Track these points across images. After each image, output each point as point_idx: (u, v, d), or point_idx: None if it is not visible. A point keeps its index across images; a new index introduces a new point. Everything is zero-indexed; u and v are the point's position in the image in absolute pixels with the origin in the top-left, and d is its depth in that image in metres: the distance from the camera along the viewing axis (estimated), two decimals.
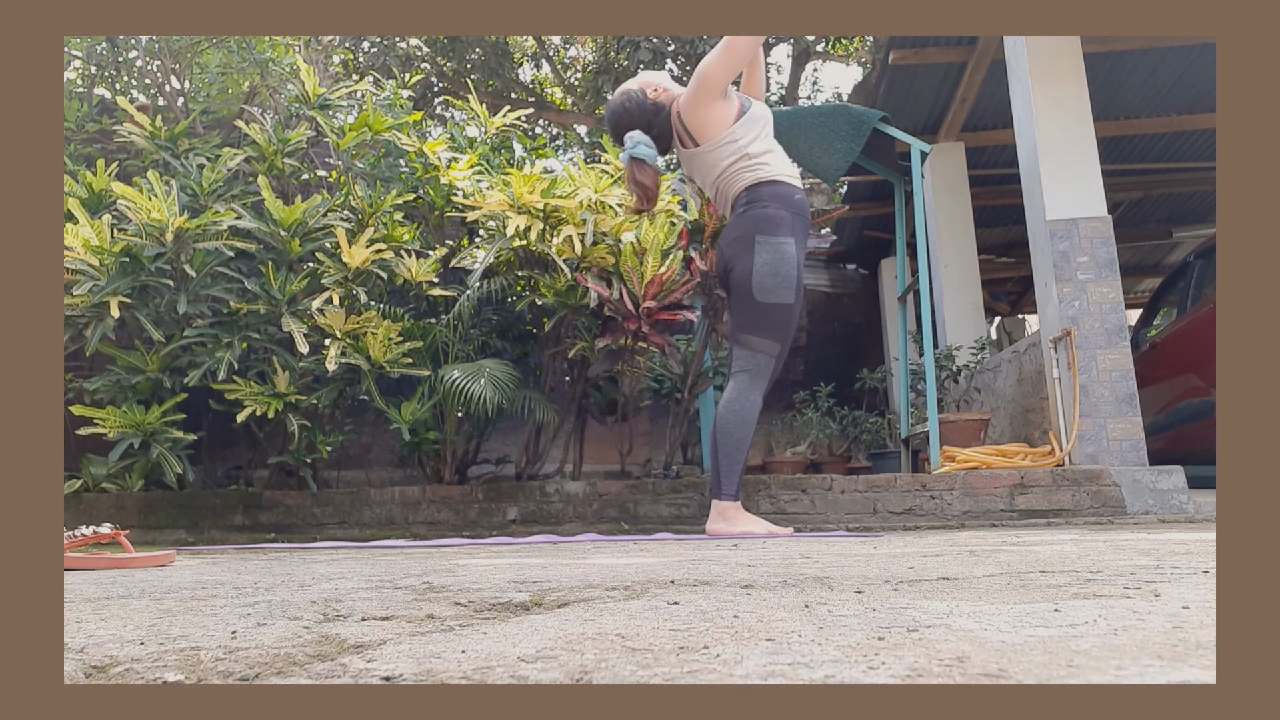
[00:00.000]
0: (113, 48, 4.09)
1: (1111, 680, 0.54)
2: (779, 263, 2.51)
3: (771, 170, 2.59)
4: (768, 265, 2.51)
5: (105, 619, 0.91)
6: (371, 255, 3.23)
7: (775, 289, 2.51)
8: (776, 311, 2.53)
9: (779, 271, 2.51)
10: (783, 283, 2.52)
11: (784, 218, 2.54)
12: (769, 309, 2.52)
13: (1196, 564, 1.22)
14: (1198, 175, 7.22)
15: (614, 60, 10.70)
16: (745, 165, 2.60)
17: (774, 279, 2.51)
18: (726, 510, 2.52)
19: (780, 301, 2.52)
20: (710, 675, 0.58)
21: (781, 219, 2.53)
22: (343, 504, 3.25)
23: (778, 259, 2.52)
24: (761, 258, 2.51)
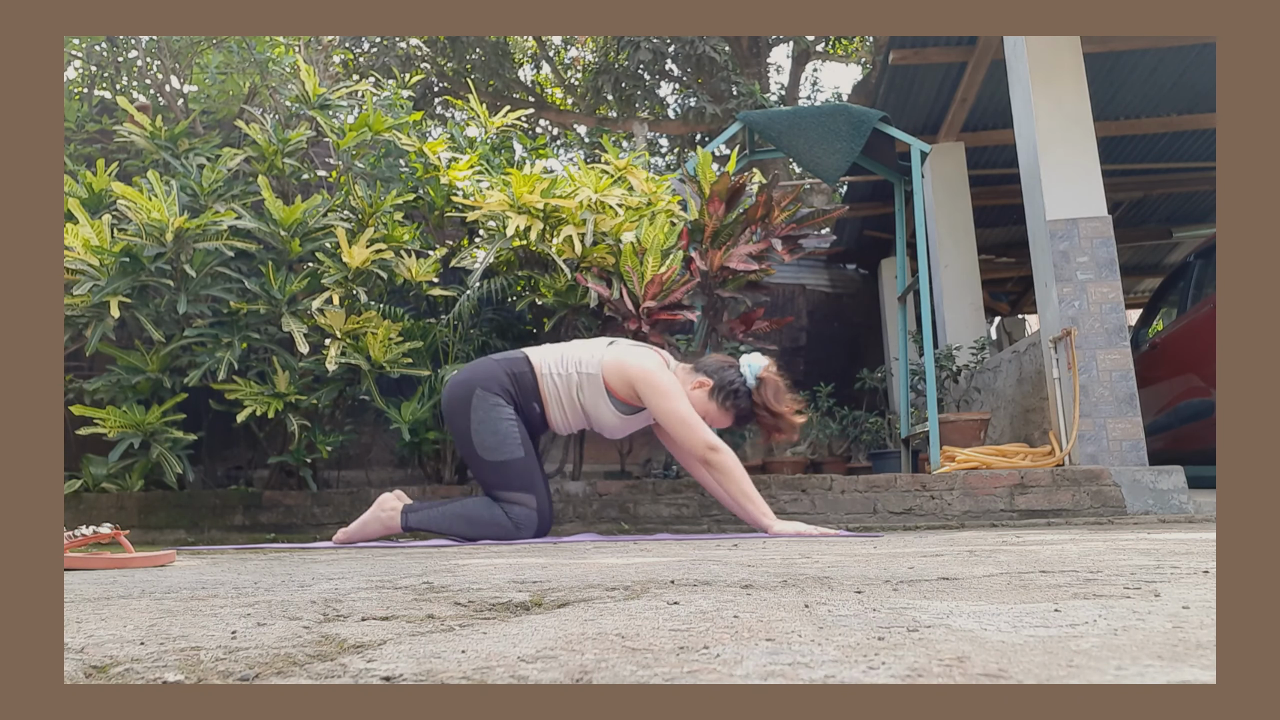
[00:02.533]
0: (113, 48, 4.09)
1: (1111, 680, 0.54)
2: (492, 419, 2.51)
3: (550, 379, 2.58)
4: (483, 424, 2.51)
5: (105, 619, 0.91)
6: (371, 255, 3.23)
7: (495, 447, 2.49)
8: (506, 468, 2.50)
9: (497, 429, 2.50)
10: (504, 439, 2.49)
11: (509, 390, 2.55)
12: (498, 467, 2.50)
13: (1196, 564, 1.22)
14: (1198, 175, 7.23)
15: (614, 60, 10.70)
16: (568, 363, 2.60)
17: (493, 434, 2.50)
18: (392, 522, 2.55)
19: (506, 459, 2.49)
20: (710, 675, 0.58)
21: (507, 390, 2.55)
22: (343, 504, 3.25)
23: (493, 415, 2.51)
24: (477, 415, 2.52)
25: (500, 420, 2.52)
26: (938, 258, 6.04)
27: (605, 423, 2.62)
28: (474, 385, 2.56)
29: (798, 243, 3.58)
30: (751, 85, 10.03)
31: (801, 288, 7.94)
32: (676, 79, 11.01)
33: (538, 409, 2.60)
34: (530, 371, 2.59)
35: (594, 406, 2.58)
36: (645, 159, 3.96)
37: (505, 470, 2.50)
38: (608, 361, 2.56)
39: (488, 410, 2.52)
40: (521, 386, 2.58)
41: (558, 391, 2.59)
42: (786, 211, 3.57)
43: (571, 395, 2.58)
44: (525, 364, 2.60)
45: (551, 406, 2.61)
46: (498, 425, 2.51)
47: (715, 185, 3.45)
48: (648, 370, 2.51)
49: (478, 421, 2.52)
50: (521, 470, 2.50)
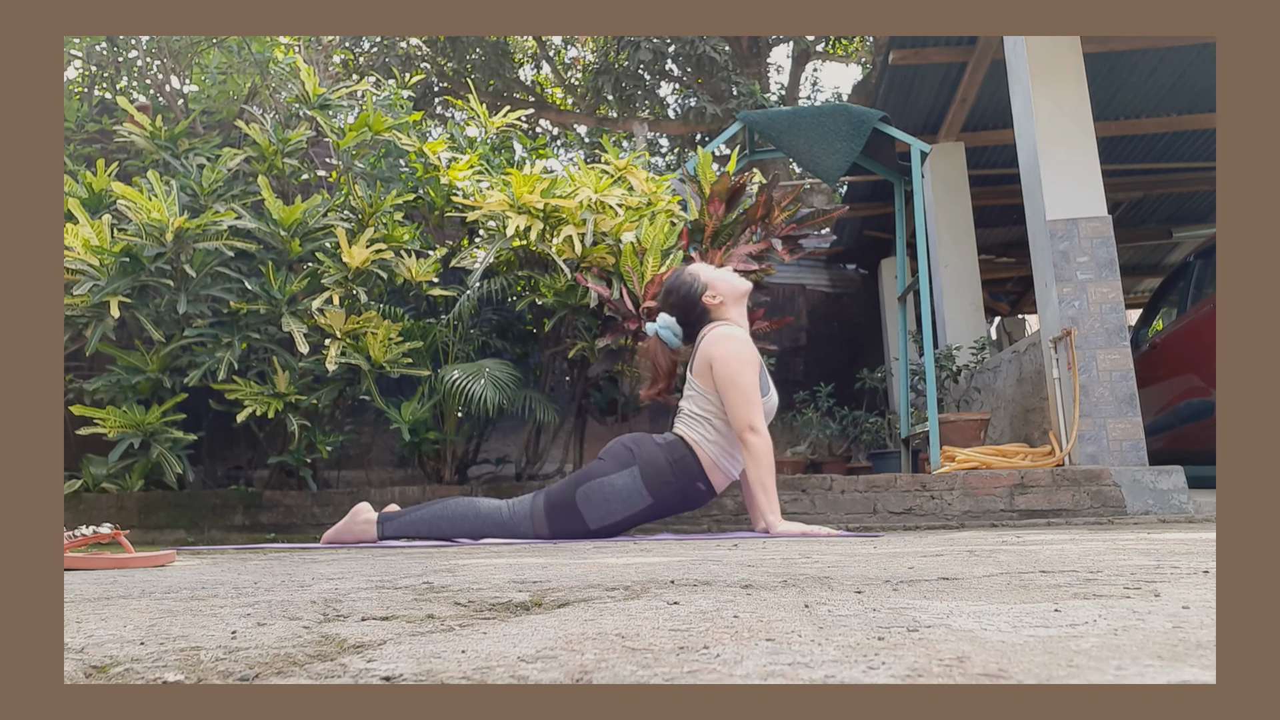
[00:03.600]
0: (113, 48, 4.09)
1: (1111, 680, 0.54)
2: (617, 499, 2.45)
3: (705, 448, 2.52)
4: (612, 490, 2.45)
5: (105, 619, 0.91)
6: (371, 255, 3.23)
7: (596, 507, 2.45)
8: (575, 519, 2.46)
9: (611, 503, 2.45)
10: (603, 513, 2.45)
11: (668, 483, 2.48)
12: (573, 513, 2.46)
13: (1196, 564, 1.22)
14: (1198, 175, 7.23)
15: (614, 60, 10.70)
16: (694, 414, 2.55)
17: (604, 503, 2.45)
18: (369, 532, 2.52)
19: (585, 518, 2.45)
20: (710, 675, 0.58)
21: (665, 483, 2.47)
22: (343, 504, 3.25)
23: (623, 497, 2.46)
24: (616, 481, 2.46)
25: (623, 503, 2.45)
26: (938, 258, 6.04)
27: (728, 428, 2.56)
28: (636, 461, 2.47)
29: (798, 243, 3.58)
30: (751, 85, 10.03)
31: (801, 288, 7.94)
32: (676, 79, 11.01)
33: (703, 487, 2.53)
34: (690, 452, 2.51)
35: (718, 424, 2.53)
36: (645, 159, 3.96)
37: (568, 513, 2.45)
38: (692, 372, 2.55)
39: (628, 488, 2.45)
40: (684, 472, 2.49)
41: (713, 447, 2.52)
42: (786, 211, 3.57)
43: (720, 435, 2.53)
44: (684, 447, 2.52)
45: (720, 468, 2.54)
46: (614, 501, 2.45)
47: (715, 185, 3.45)
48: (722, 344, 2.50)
49: (610, 482, 2.45)
50: (573, 528, 2.46)
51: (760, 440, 2.47)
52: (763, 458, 2.46)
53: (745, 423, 2.46)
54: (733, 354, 2.49)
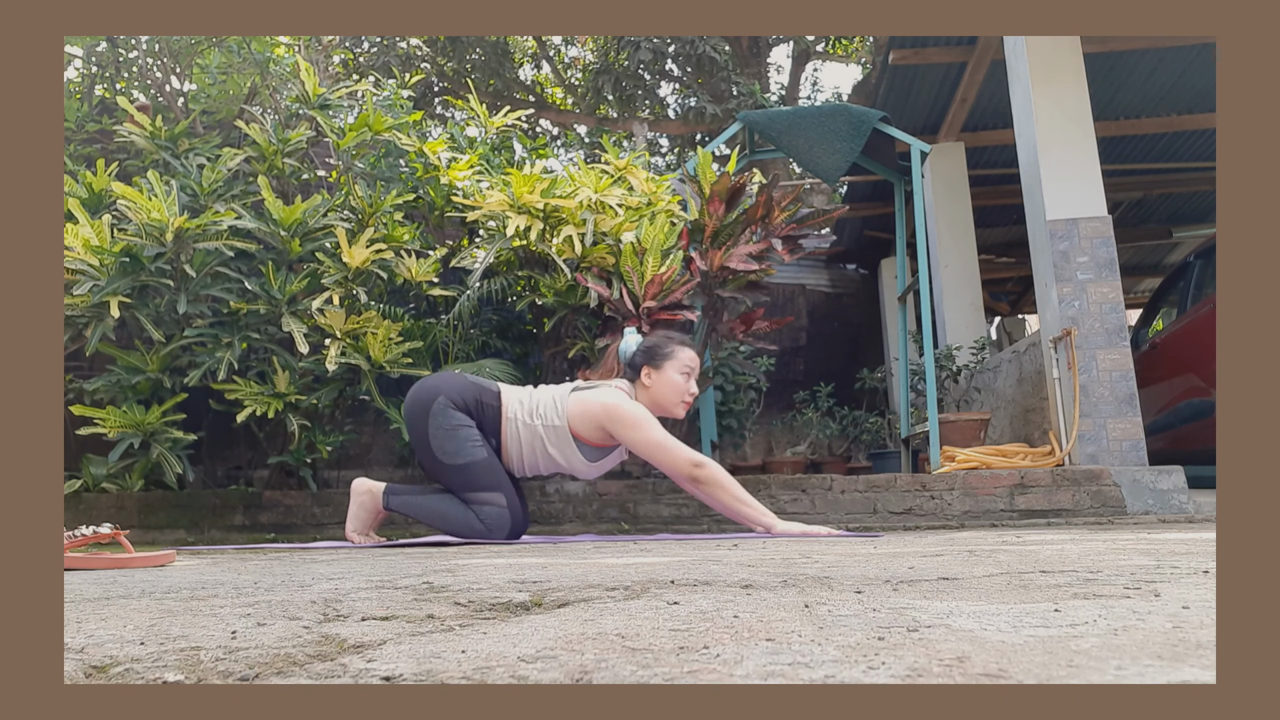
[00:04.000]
0: (113, 48, 4.09)
1: (1111, 680, 0.54)
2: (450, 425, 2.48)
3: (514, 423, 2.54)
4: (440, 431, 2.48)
5: (105, 619, 0.91)
6: (371, 255, 3.23)
7: (453, 451, 2.47)
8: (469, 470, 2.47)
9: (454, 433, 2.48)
10: (462, 442, 2.47)
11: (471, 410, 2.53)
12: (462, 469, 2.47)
13: (1196, 564, 1.22)
14: (1198, 175, 7.23)
15: (614, 60, 10.70)
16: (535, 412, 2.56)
17: (451, 438, 2.47)
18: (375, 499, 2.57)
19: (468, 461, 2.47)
20: (710, 675, 0.58)
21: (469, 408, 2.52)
22: (343, 504, 3.25)
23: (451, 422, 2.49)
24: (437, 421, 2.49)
25: (458, 427, 2.49)
26: (938, 258, 6.04)
27: (578, 469, 2.59)
28: (438, 393, 2.52)
29: (798, 243, 3.58)
30: (752, 85, 10.03)
31: (801, 288, 7.94)
32: (676, 79, 11.01)
33: (493, 444, 2.55)
34: (497, 408, 2.55)
35: (564, 456, 2.55)
36: (645, 159, 3.96)
37: (468, 472, 2.47)
38: (571, 409, 2.52)
39: (446, 418, 2.49)
40: (485, 418, 2.54)
41: (519, 439, 2.54)
42: (786, 211, 3.57)
43: (536, 447, 2.54)
44: (495, 399, 2.56)
45: (510, 448, 2.56)
46: (453, 431, 2.48)
47: (715, 185, 3.45)
48: (613, 406, 2.48)
49: (435, 428, 2.48)
50: (484, 470, 2.47)
51: (711, 469, 2.45)
52: (723, 480, 2.45)
53: (687, 464, 2.44)
54: (637, 413, 2.48)
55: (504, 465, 2.58)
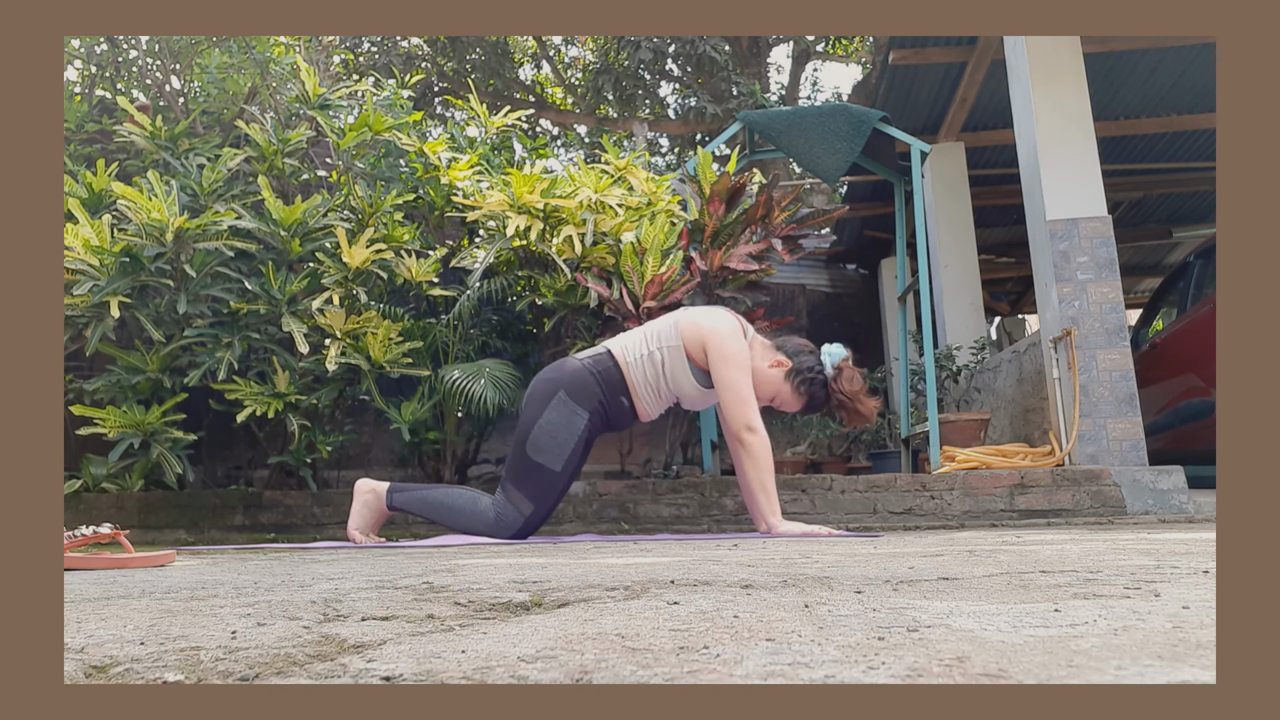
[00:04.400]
0: (113, 48, 4.09)
1: (1111, 680, 0.54)
2: (560, 429, 2.47)
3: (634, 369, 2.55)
4: (551, 426, 2.48)
5: (105, 619, 0.91)
6: (371, 255, 3.23)
7: (548, 450, 2.46)
8: (540, 473, 2.47)
9: (558, 437, 2.47)
10: (557, 450, 2.47)
11: (594, 394, 2.51)
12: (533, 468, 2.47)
13: (1196, 564, 1.22)
14: (1198, 175, 7.23)
15: (614, 60, 10.70)
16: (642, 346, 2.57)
17: (552, 441, 2.47)
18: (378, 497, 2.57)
19: (548, 465, 2.47)
20: (710, 675, 0.58)
21: (592, 393, 2.50)
22: (343, 504, 3.25)
23: (563, 425, 2.48)
24: (550, 416, 2.48)
25: (567, 430, 2.47)
26: (938, 258, 6.04)
27: (687, 395, 2.59)
28: (559, 386, 2.51)
29: (798, 243, 3.58)
30: (752, 85, 10.03)
31: (801, 288, 7.94)
32: (677, 79, 11.01)
33: (626, 403, 2.56)
34: (615, 366, 2.54)
35: (676, 381, 2.55)
36: (645, 159, 3.96)
37: (534, 474, 2.47)
38: (684, 324, 2.53)
39: (562, 415, 2.48)
40: (609, 383, 2.53)
41: (644, 376, 2.54)
42: (786, 211, 3.57)
43: (659, 375, 2.54)
44: (609, 360, 2.55)
45: (641, 396, 2.56)
46: (560, 433, 2.47)
47: (715, 185, 3.45)
48: (719, 332, 2.49)
49: (546, 421, 2.48)
50: (547, 483, 2.47)
51: (759, 441, 2.46)
52: (762, 458, 2.45)
53: (743, 423, 2.46)
54: (733, 354, 2.49)
55: (641, 417, 2.60)
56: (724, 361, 2.47)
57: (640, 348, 2.56)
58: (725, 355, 2.47)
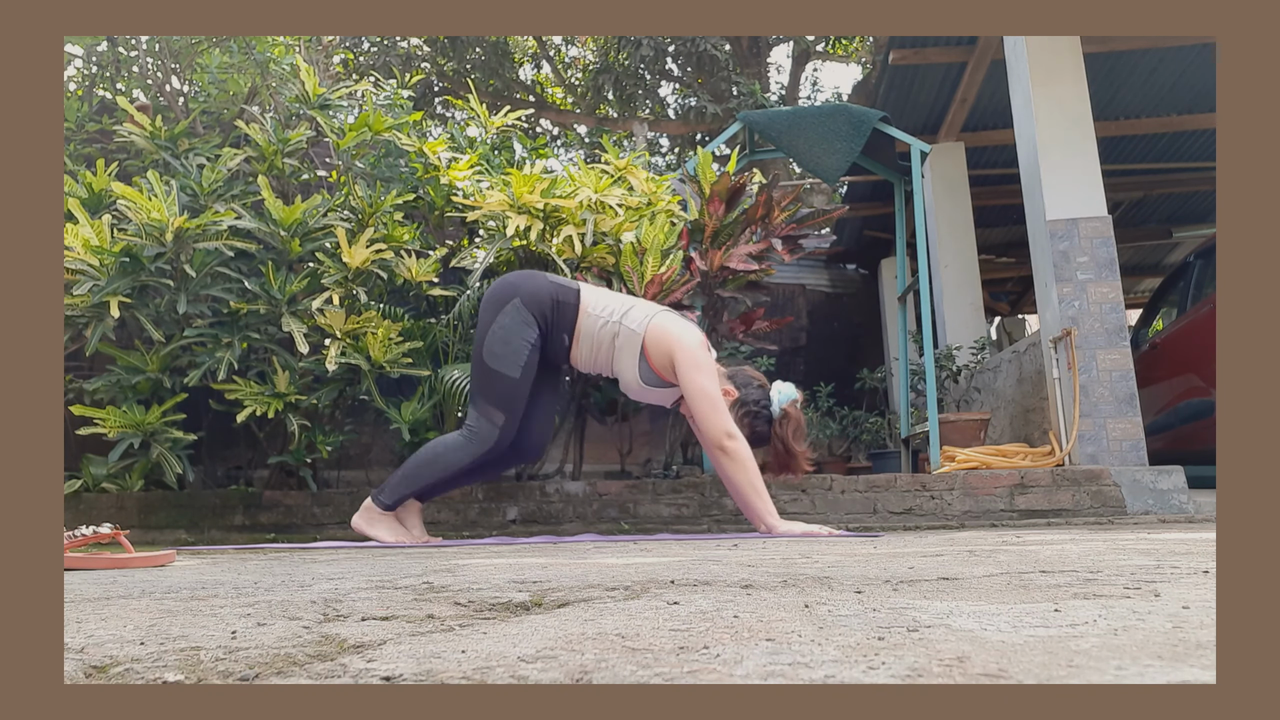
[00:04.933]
0: (113, 48, 4.09)
1: (1111, 680, 0.54)
2: (512, 335, 2.49)
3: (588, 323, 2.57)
4: (503, 330, 2.50)
5: (105, 619, 0.91)
6: (371, 255, 3.23)
7: (502, 356, 2.48)
8: (499, 380, 2.49)
9: (510, 341, 2.49)
10: (511, 355, 2.48)
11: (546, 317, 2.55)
12: (493, 377, 2.49)
13: (1196, 564, 1.22)
14: (1198, 175, 7.23)
15: (614, 60, 10.70)
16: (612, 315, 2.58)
17: (505, 345, 2.49)
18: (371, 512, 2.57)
19: (505, 372, 2.48)
20: (710, 675, 0.58)
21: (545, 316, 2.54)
22: (343, 504, 3.25)
23: (514, 330, 2.50)
24: (501, 320, 2.51)
25: (519, 337, 2.50)
26: (938, 258, 6.04)
27: (625, 378, 2.60)
28: (516, 293, 2.54)
29: (798, 243, 3.58)
30: (752, 85, 10.03)
31: (801, 288, 7.94)
32: (677, 79, 11.01)
33: (566, 340, 2.59)
34: (575, 305, 2.57)
35: (621, 360, 2.57)
36: (645, 159, 3.96)
37: (495, 381, 2.49)
38: (654, 325, 2.54)
39: (515, 322, 2.51)
40: (561, 315, 2.56)
41: (593, 334, 2.57)
42: (786, 211, 3.57)
43: (608, 344, 2.57)
44: (574, 297, 2.58)
45: (581, 344, 2.59)
46: (513, 339, 2.50)
47: (715, 185, 3.45)
48: (689, 345, 2.50)
49: (499, 326, 2.51)
50: (509, 389, 2.49)
51: (741, 445, 2.46)
52: (747, 461, 2.45)
53: (722, 430, 2.45)
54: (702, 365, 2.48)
55: (570, 361, 2.62)
56: (696, 370, 2.47)
57: (606, 311, 2.58)
58: (697, 364, 2.47)
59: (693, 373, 2.46)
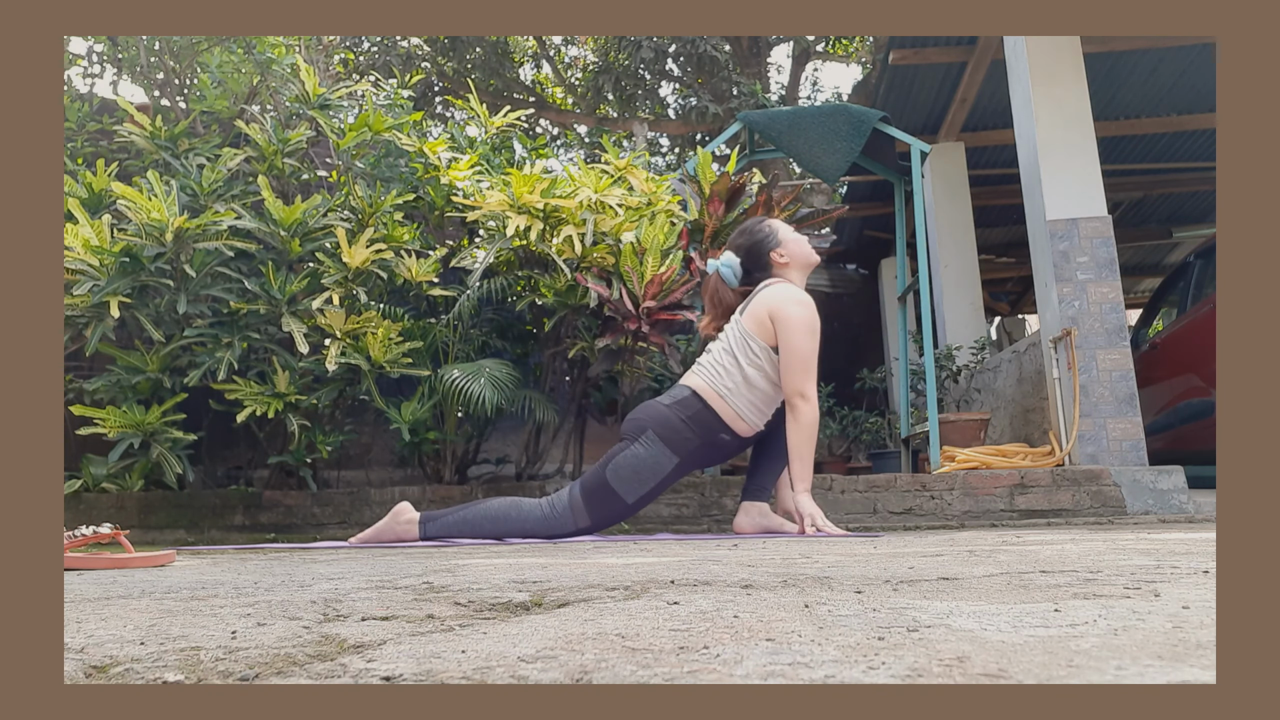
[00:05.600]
0: (113, 48, 4.09)
1: (1111, 680, 0.54)
2: (645, 467, 2.45)
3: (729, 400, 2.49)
4: (637, 460, 2.45)
5: (105, 619, 0.91)
6: (371, 255, 3.23)
7: (627, 481, 2.44)
8: (612, 499, 2.44)
9: (640, 474, 2.44)
10: (635, 485, 2.44)
11: (688, 439, 2.47)
12: (608, 493, 2.44)
13: (1196, 564, 1.22)
14: (1198, 175, 7.23)
15: (614, 60, 10.70)
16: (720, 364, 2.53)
17: (634, 475, 2.46)
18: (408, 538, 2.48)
19: (621, 495, 2.44)
20: (710, 675, 0.58)
21: (686, 439, 2.47)
22: (343, 504, 3.25)
23: (649, 464, 2.45)
24: (638, 450, 2.46)
25: (651, 470, 2.44)
26: (938, 258, 6.04)
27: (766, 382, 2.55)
28: (647, 427, 2.47)
29: None
30: (752, 85, 10.03)
31: None
32: (677, 79, 11.01)
33: (728, 438, 2.51)
34: (705, 406, 2.48)
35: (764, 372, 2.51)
36: (645, 159, 3.96)
37: (607, 498, 2.43)
38: (747, 322, 2.54)
39: (650, 453, 2.45)
40: (703, 426, 2.47)
41: (746, 400, 2.50)
42: (786, 211, 3.57)
43: (765, 388, 2.52)
44: (696, 401, 2.49)
45: (745, 421, 2.51)
46: (644, 471, 2.44)
47: (715, 185, 3.45)
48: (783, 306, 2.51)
49: (634, 455, 2.44)
50: (613, 510, 2.45)
51: (810, 408, 2.48)
52: (807, 426, 2.48)
53: (798, 389, 2.48)
54: (802, 320, 2.51)
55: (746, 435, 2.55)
56: (791, 331, 2.49)
57: (729, 376, 2.51)
58: (791, 325, 2.49)
59: (788, 333, 2.49)
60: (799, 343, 2.49)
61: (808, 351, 2.50)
